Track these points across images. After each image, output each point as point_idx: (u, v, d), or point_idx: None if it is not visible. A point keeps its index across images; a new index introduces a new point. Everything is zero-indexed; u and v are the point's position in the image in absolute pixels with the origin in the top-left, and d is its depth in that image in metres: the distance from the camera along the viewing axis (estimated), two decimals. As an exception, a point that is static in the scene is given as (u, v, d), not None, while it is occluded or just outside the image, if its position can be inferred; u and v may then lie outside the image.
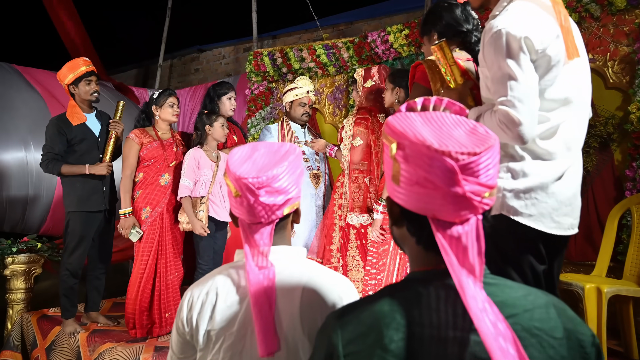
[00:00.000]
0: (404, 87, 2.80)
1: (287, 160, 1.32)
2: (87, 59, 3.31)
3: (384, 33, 4.54)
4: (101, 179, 3.28)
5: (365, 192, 2.98)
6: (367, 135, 2.99)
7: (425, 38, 2.08)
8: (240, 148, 1.38)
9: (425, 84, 1.83)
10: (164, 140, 3.31)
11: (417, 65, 1.91)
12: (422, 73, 1.86)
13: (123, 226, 3.14)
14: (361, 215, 2.93)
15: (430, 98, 1.09)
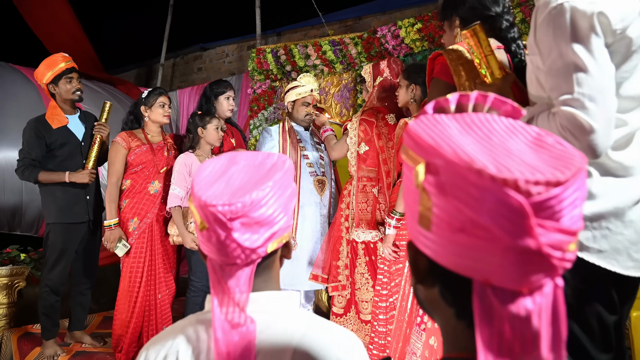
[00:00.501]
0: (421, 84, 2.46)
1: (272, 178, 0.98)
2: (67, 55, 2.99)
3: (394, 27, 4.19)
4: (84, 187, 2.96)
5: (373, 203, 2.64)
6: (373, 140, 2.65)
7: (446, 23, 1.73)
8: (213, 161, 1.05)
9: (447, 79, 1.49)
10: (154, 143, 2.99)
11: (436, 56, 1.55)
12: (443, 66, 1.52)
13: (108, 239, 2.83)
14: (368, 232, 2.58)
15: (469, 94, 0.74)
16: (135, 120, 3.05)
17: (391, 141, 2.69)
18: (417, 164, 0.59)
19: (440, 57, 1.53)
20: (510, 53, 1.55)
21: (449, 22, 1.70)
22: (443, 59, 1.51)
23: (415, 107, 2.50)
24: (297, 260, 3.09)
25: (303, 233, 3.09)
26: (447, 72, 1.48)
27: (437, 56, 1.55)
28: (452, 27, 1.67)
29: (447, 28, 1.72)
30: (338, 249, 2.80)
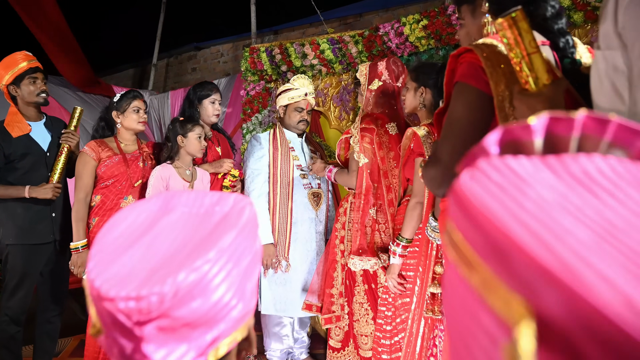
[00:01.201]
0: (431, 87, 2.07)
1: (217, 244, 0.64)
2: (29, 53, 2.62)
3: (398, 24, 3.80)
4: (49, 204, 2.59)
5: (372, 226, 2.25)
6: (374, 151, 2.27)
7: (465, 8, 1.32)
8: (135, 209, 0.68)
9: (479, 85, 1.09)
10: (128, 153, 2.61)
11: (460, 53, 1.15)
12: (472, 66, 1.11)
13: (75, 263, 2.45)
14: (367, 259, 2.20)
15: (569, 116, 0.32)
16: (107, 127, 2.67)
17: (392, 151, 2.31)
18: (499, 294, 0.21)
19: (467, 55, 1.12)
20: (557, 51, 1.16)
21: (471, 7, 1.29)
22: (472, 57, 1.11)
23: (425, 114, 2.11)
24: (290, 283, 2.71)
25: (296, 253, 2.71)
26: (479, 75, 1.09)
27: (462, 53, 1.14)
28: (477, 14, 1.28)
29: (467, 15, 1.32)
30: (332, 274, 2.42)
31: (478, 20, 1.28)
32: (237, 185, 2.80)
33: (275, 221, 2.70)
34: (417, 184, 2.01)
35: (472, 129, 1.10)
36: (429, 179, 1.18)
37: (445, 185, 1.13)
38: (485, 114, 1.10)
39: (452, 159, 1.10)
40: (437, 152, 1.15)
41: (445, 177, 1.12)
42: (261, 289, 2.74)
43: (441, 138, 1.16)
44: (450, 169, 1.11)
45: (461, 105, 1.12)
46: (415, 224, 1.99)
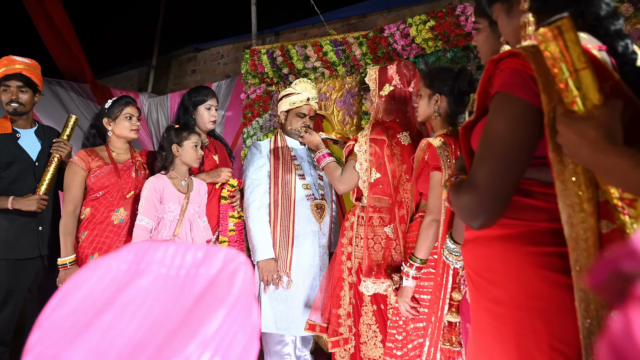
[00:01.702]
0: (447, 94, 1.89)
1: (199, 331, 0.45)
2: (15, 58, 2.45)
3: (404, 25, 3.62)
4: (35, 216, 2.42)
5: (387, 243, 2.07)
6: (384, 164, 2.09)
7: (499, 7, 1.11)
8: (94, 268, 0.51)
9: (526, 95, 0.89)
10: (120, 163, 2.43)
11: (502, 57, 0.95)
12: (518, 75, 0.91)
13: (63, 280, 2.27)
14: (380, 282, 2.02)
15: None
16: (99, 135, 2.50)
17: (404, 164, 2.12)
18: None
19: (511, 60, 0.92)
20: (615, 57, 0.97)
21: (506, 5, 1.09)
22: (518, 63, 0.91)
23: (440, 123, 1.93)
24: (292, 300, 2.53)
25: (298, 268, 2.53)
26: (527, 84, 0.89)
27: (504, 57, 0.94)
28: (514, 13, 1.07)
29: (501, 14, 1.11)
30: (338, 293, 2.24)
31: (515, 20, 1.07)
32: (235, 195, 2.63)
33: (276, 234, 2.52)
34: (432, 200, 1.83)
35: (517, 149, 0.91)
36: (461, 207, 0.99)
37: (483, 216, 0.94)
38: (534, 132, 0.90)
39: (493, 186, 0.92)
40: (474, 176, 0.96)
41: (483, 206, 0.93)
42: (261, 305, 2.56)
43: (478, 159, 0.96)
44: (490, 197, 0.92)
45: (504, 121, 0.92)
46: (431, 243, 1.81)
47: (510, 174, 0.92)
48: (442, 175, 1.79)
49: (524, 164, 0.92)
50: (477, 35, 1.56)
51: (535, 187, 0.96)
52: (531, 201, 0.96)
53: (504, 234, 0.99)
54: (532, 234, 0.95)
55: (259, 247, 2.48)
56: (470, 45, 3.40)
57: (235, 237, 2.61)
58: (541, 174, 0.95)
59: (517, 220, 0.97)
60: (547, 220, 0.93)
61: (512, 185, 0.93)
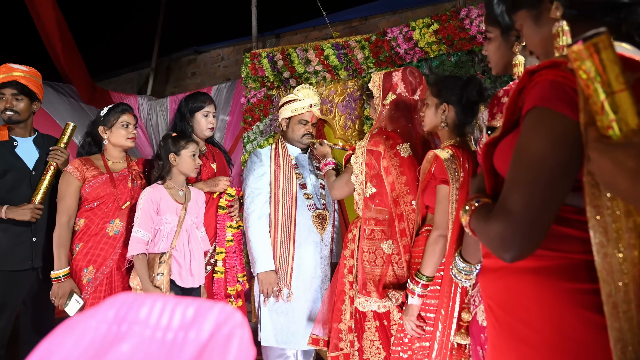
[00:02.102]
0: (455, 103, 1.80)
1: None
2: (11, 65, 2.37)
3: (407, 29, 3.53)
4: (29, 227, 2.34)
5: (386, 262, 1.97)
6: (381, 175, 1.99)
7: (525, 15, 1.00)
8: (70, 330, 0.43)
9: (570, 111, 0.79)
10: (116, 172, 2.34)
11: (540, 68, 0.84)
12: (557, 87, 0.80)
13: (56, 294, 2.18)
14: (373, 300, 1.92)
15: None
16: (94, 144, 2.42)
17: (403, 175, 2.01)
18: None
19: (550, 71, 0.81)
20: None
21: (534, 12, 0.97)
22: (558, 75, 0.80)
23: (447, 133, 1.84)
24: (293, 313, 2.45)
25: (299, 280, 2.45)
26: (570, 98, 0.79)
27: (543, 68, 0.83)
28: (543, 21, 0.96)
29: (527, 21, 1.00)
30: (340, 307, 2.15)
31: (544, 29, 0.96)
32: (234, 205, 2.54)
33: (276, 245, 2.43)
34: (439, 215, 1.74)
35: (559, 172, 0.80)
36: (491, 236, 0.88)
37: (517, 248, 0.83)
38: (577, 153, 0.79)
39: (530, 213, 0.81)
40: (507, 201, 0.85)
41: (518, 236, 0.82)
42: (261, 318, 2.48)
43: (512, 182, 0.85)
44: (526, 225, 0.81)
45: (543, 139, 0.81)
46: (437, 260, 1.73)
47: (550, 199, 0.81)
48: (449, 189, 1.71)
49: (566, 188, 0.82)
50: (488, 45, 1.48)
51: (571, 214, 0.86)
52: (567, 230, 0.85)
53: (537, 267, 0.88)
54: (568, 267, 0.85)
55: (259, 258, 2.39)
56: (475, 49, 3.31)
57: (233, 247, 2.52)
58: (578, 199, 0.84)
59: (551, 251, 0.86)
60: (583, 252, 0.83)
61: (551, 212, 0.82)
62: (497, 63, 1.46)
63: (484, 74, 3.31)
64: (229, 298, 2.48)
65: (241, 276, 2.53)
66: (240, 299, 2.54)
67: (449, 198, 1.70)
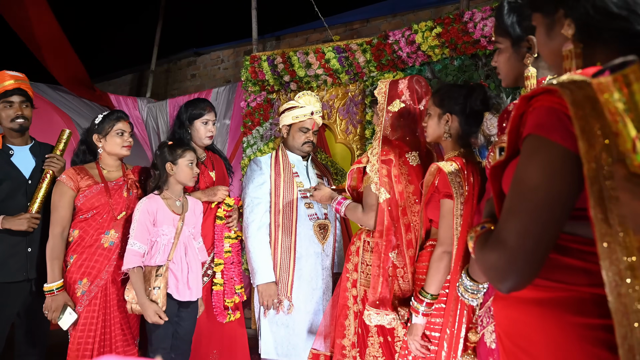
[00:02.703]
0: (458, 113, 1.73)
1: None
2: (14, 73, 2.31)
3: (409, 32, 3.45)
4: (25, 237, 2.27)
5: (393, 272, 1.90)
6: (392, 184, 1.92)
7: (539, 19, 0.94)
8: None
9: (563, 140, 0.75)
10: (111, 181, 2.27)
11: (535, 94, 0.80)
12: (552, 114, 0.76)
13: (49, 308, 2.11)
14: (384, 313, 1.86)
15: None
16: (89, 152, 2.34)
17: (412, 185, 1.95)
18: None
19: (545, 97, 0.78)
20: None
21: (548, 20, 0.92)
22: (553, 101, 0.77)
23: (451, 144, 1.76)
24: (294, 325, 2.38)
25: (300, 291, 2.38)
26: (564, 126, 0.74)
27: (539, 94, 0.80)
28: (554, 34, 0.90)
29: (540, 27, 0.94)
30: (343, 322, 2.08)
31: (554, 42, 0.91)
32: (232, 215, 2.46)
33: (276, 256, 2.36)
34: (443, 230, 1.66)
35: (553, 204, 0.77)
36: (487, 266, 0.85)
37: (512, 279, 0.80)
38: (573, 184, 0.76)
39: (524, 245, 0.78)
40: (502, 231, 0.82)
41: (513, 267, 0.80)
42: (261, 330, 2.41)
43: (507, 211, 0.82)
44: (520, 257, 0.79)
45: (538, 169, 0.78)
46: (442, 277, 1.65)
47: (545, 231, 0.78)
48: (453, 203, 1.63)
49: (561, 220, 0.79)
50: (498, 56, 1.41)
51: (572, 244, 0.83)
52: (568, 260, 0.83)
53: (541, 298, 0.85)
54: (574, 301, 0.82)
55: (259, 269, 2.32)
56: (479, 53, 3.23)
57: (231, 258, 2.45)
58: (579, 228, 0.82)
59: (555, 282, 0.83)
60: (589, 285, 0.80)
61: (547, 244, 0.79)
62: (508, 75, 1.39)
63: (487, 78, 3.23)
64: (227, 310, 2.41)
65: (239, 288, 2.45)
66: (238, 311, 2.47)
67: (454, 213, 1.63)
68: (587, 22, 0.83)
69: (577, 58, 0.85)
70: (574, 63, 0.84)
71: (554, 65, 0.97)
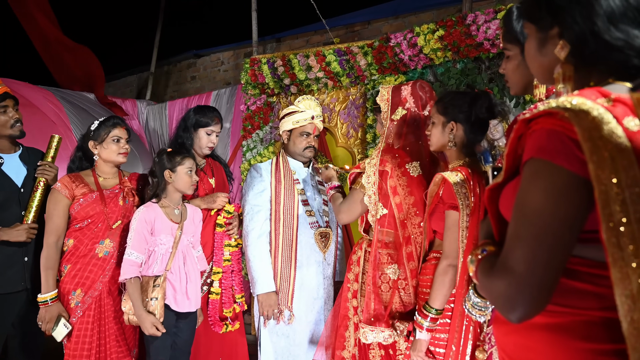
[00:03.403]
0: (463, 121, 1.66)
1: None
2: None
3: (411, 34, 3.39)
4: (21, 247, 2.20)
5: (392, 288, 1.83)
6: (388, 196, 1.84)
7: (531, 29, 0.92)
8: None
9: (569, 164, 0.71)
10: (107, 189, 2.20)
11: (537, 116, 0.76)
12: (555, 137, 0.73)
13: (43, 319, 2.05)
14: (379, 330, 1.79)
15: None
16: (85, 159, 2.28)
17: (412, 196, 1.86)
18: None
19: (546, 120, 0.75)
20: None
21: (541, 35, 0.89)
22: (556, 124, 0.74)
23: (456, 153, 1.70)
24: (295, 335, 2.31)
25: (301, 301, 2.31)
26: (569, 150, 0.72)
27: (538, 117, 0.77)
28: (546, 50, 0.87)
29: (532, 38, 0.92)
30: (343, 333, 2.01)
31: (545, 59, 0.89)
32: (233, 222, 2.40)
33: (277, 265, 2.29)
34: (448, 243, 1.60)
35: (560, 228, 0.74)
36: (495, 295, 0.80)
37: (522, 308, 0.76)
38: (580, 207, 0.74)
39: (533, 272, 0.75)
40: (509, 258, 0.78)
41: (523, 296, 0.75)
42: (261, 340, 2.35)
43: (513, 238, 0.78)
44: (530, 285, 0.75)
45: (543, 194, 0.75)
46: (447, 291, 1.59)
47: (554, 256, 0.75)
48: (459, 215, 1.57)
49: (570, 244, 0.76)
50: (507, 63, 1.35)
51: (581, 267, 0.80)
52: (577, 284, 0.80)
53: (549, 323, 0.81)
54: (582, 325, 0.78)
55: (259, 279, 2.26)
56: (482, 56, 3.17)
57: (231, 267, 2.39)
58: (588, 251, 0.79)
59: (563, 307, 0.80)
60: (599, 309, 0.77)
61: (557, 269, 0.76)
62: (517, 83, 1.33)
63: (491, 82, 3.17)
64: (224, 321, 2.35)
65: (239, 297, 2.39)
66: (237, 321, 2.40)
67: (459, 225, 1.57)
68: (582, 47, 0.80)
69: (569, 81, 0.83)
70: (568, 87, 0.81)
71: (541, 79, 0.97)
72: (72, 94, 4.60)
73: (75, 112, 4.18)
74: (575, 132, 0.71)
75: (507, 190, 0.90)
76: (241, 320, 2.46)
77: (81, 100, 4.61)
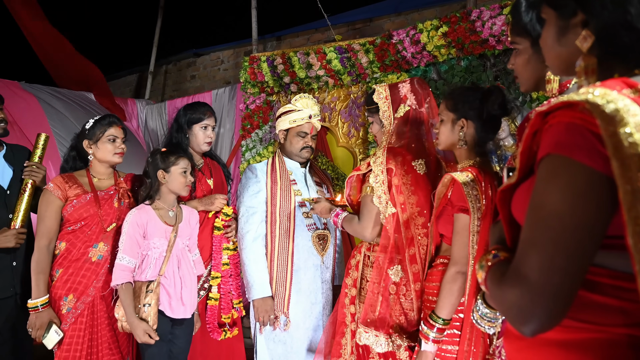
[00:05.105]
0: (474, 119, 1.57)
1: None
2: None
3: (414, 31, 3.32)
4: (10, 252, 2.14)
5: (395, 296, 1.75)
6: (392, 195, 1.77)
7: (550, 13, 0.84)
8: None
9: (591, 160, 0.64)
10: (102, 190, 2.14)
11: (555, 108, 0.69)
12: (575, 130, 0.66)
13: (34, 325, 1.99)
14: (373, 334, 1.69)
15: None
16: (79, 158, 2.22)
17: (415, 195, 1.79)
18: None
19: (565, 112, 0.68)
20: None
21: (562, 22, 0.81)
22: (576, 116, 0.67)
23: (466, 153, 1.61)
24: (292, 342, 2.24)
25: (298, 306, 2.24)
26: (591, 145, 0.65)
27: (557, 109, 0.70)
28: (567, 40, 0.80)
29: (550, 25, 0.84)
30: (339, 340, 1.93)
31: (564, 49, 0.81)
32: (231, 224, 2.33)
33: (273, 269, 2.22)
34: (457, 248, 1.52)
35: (581, 232, 0.67)
36: (507, 305, 0.73)
37: (537, 320, 0.69)
38: (604, 209, 0.67)
39: (550, 280, 0.67)
40: (522, 265, 0.71)
41: (538, 307, 0.68)
42: (257, 347, 2.28)
43: (527, 243, 0.71)
44: (546, 295, 0.67)
45: (562, 194, 0.68)
46: (456, 300, 1.51)
47: (572, 264, 0.67)
48: (469, 218, 1.48)
49: (591, 250, 0.68)
50: (516, 58, 1.26)
51: (603, 278, 0.72)
52: (598, 297, 0.72)
53: (566, 340, 0.74)
54: (604, 344, 0.71)
55: (254, 284, 2.19)
56: (487, 53, 3.09)
57: (229, 271, 2.32)
58: (611, 260, 0.71)
59: (582, 322, 0.72)
60: (623, 325, 0.69)
61: (576, 279, 0.68)
62: (528, 79, 1.25)
63: (496, 79, 3.10)
64: (223, 327, 2.28)
65: (237, 302, 2.32)
66: (235, 327, 2.33)
67: (469, 229, 1.48)
68: (610, 38, 0.73)
69: (593, 75, 0.75)
70: (591, 79, 0.75)
71: (556, 71, 0.90)
72: (69, 93, 4.53)
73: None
74: (598, 126, 0.64)
75: (521, 191, 0.83)
76: (239, 326, 2.39)
77: (79, 99, 4.55)
